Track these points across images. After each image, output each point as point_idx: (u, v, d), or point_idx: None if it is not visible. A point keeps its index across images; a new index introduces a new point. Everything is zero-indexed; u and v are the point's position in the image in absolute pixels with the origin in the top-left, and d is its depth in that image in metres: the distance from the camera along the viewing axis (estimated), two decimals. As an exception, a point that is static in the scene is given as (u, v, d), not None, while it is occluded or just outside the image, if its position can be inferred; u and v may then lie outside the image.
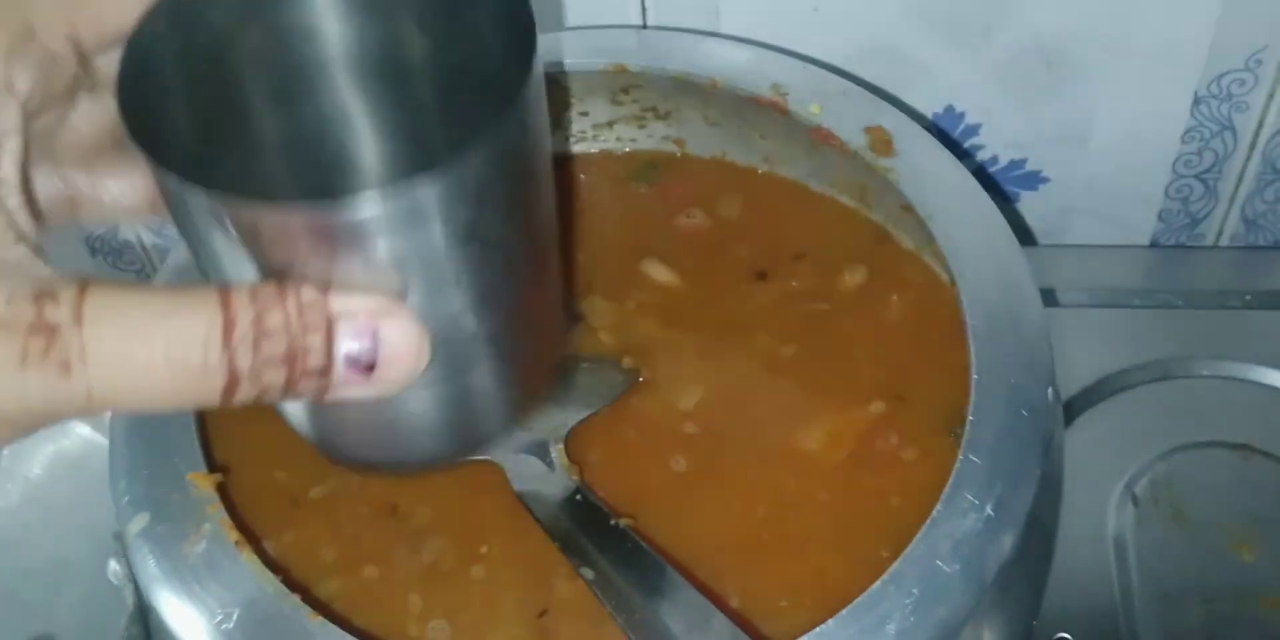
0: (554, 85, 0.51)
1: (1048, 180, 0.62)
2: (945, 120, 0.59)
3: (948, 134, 0.59)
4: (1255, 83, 0.56)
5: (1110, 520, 0.53)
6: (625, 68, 0.51)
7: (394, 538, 0.45)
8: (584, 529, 0.43)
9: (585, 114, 0.55)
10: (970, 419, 0.40)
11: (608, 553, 0.42)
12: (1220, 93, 0.57)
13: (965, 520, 0.39)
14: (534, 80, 0.29)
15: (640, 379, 0.48)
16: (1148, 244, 0.64)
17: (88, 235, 0.68)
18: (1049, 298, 0.60)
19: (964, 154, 0.61)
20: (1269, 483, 0.54)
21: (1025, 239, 0.64)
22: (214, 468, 0.43)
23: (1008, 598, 0.41)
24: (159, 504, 0.41)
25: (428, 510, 0.45)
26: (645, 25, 0.55)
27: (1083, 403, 0.57)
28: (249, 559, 0.40)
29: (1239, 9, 0.53)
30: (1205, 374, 0.58)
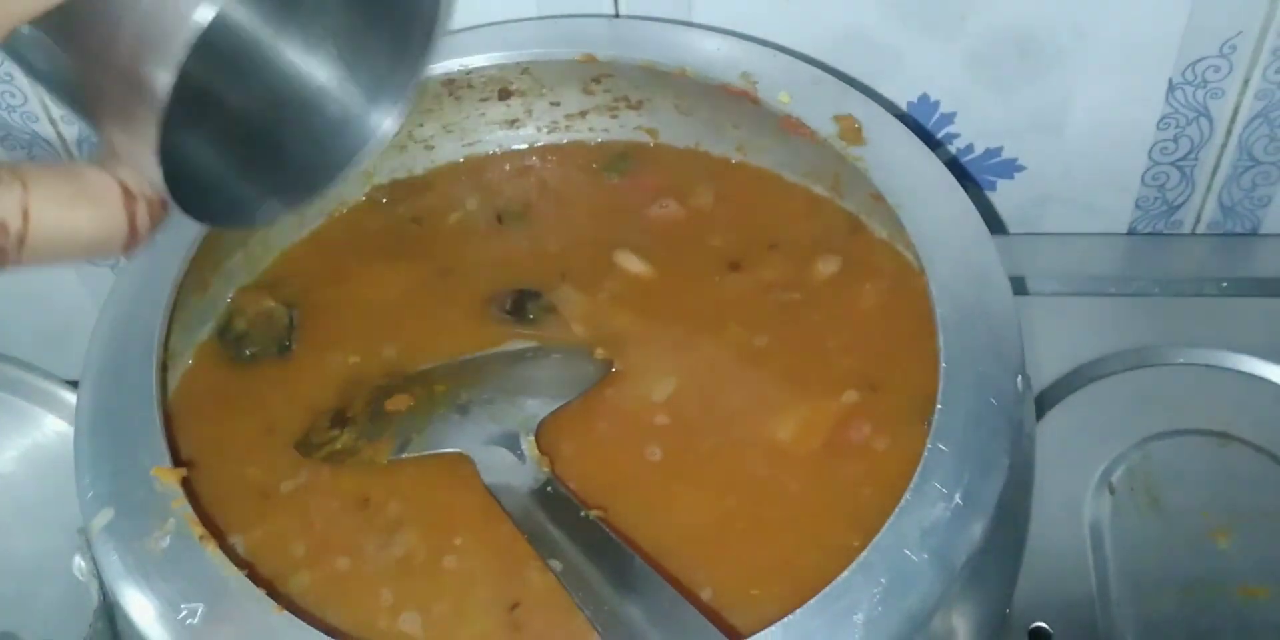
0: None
1: (1024, 168, 0.61)
2: (920, 109, 0.59)
3: (922, 123, 0.59)
4: (1230, 69, 0.56)
5: (1086, 509, 0.53)
6: (594, 57, 0.51)
7: (365, 531, 0.45)
8: (554, 521, 0.42)
9: (557, 104, 0.54)
10: (939, 408, 0.40)
11: (577, 544, 0.41)
12: (1195, 79, 0.56)
13: (934, 509, 0.38)
14: None
15: (613, 370, 0.48)
16: (1125, 231, 0.64)
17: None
18: (1020, 286, 0.60)
19: (938, 143, 0.60)
20: (1246, 470, 0.54)
21: (997, 227, 0.64)
22: (181, 463, 0.43)
23: (978, 586, 0.41)
24: (123, 499, 0.41)
25: (399, 504, 0.45)
26: (618, 14, 0.55)
27: (1059, 391, 0.56)
28: (214, 554, 0.39)
29: (1212, -5, 0.53)
30: (1182, 361, 0.58)
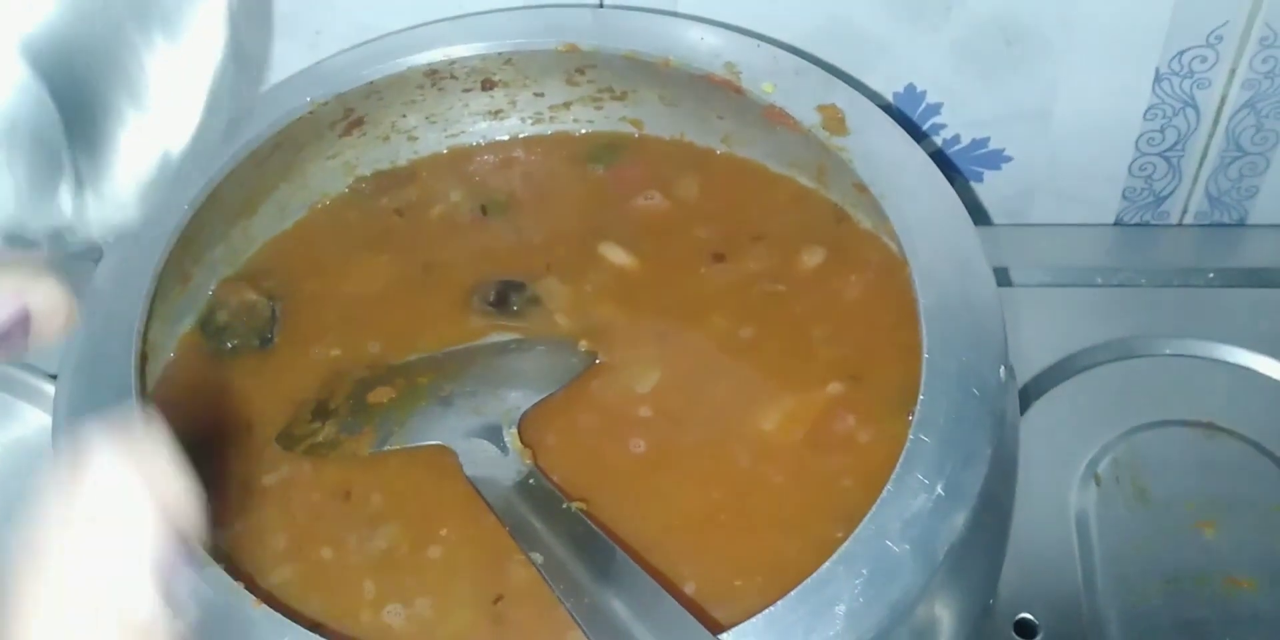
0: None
1: (1011, 159, 0.61)
2: (906, 99, 0.58)
3: (908, 114, 0.59)
4: (1216, 59, 0.56)
5: (1072, 500, 0.53)
6: (577, 47, 0.51)
7: (347, 524, 0.45)
8: (536, 513, 0.42)
9: (541, 95, 0.54)
10: (921, 399, 0.40)
11: (560, 537, 0.41)
12: (1181, 69, 0.56)
13: (915, 500, 0.38)
14: None
15: (597, 361, 0.48)
16: (1112, 222, 0.64)
17: None
18: (1007, 277, 0.60)
19: (924, 134, 0.60)
20: (1231, 461, 0.54)
21: (983, 219, 0.64)
22: (162, 455, 0.42)
23: (961, 577, 0.41)
24: (104, 492, 0.40)
25: (381, 497, 0.45)
26: (602, 4, 0.55)
27: (1046, 382, 0.56)
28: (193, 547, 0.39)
29: (1198, -16, 0.53)
30: (1168, 352, 0.58)
